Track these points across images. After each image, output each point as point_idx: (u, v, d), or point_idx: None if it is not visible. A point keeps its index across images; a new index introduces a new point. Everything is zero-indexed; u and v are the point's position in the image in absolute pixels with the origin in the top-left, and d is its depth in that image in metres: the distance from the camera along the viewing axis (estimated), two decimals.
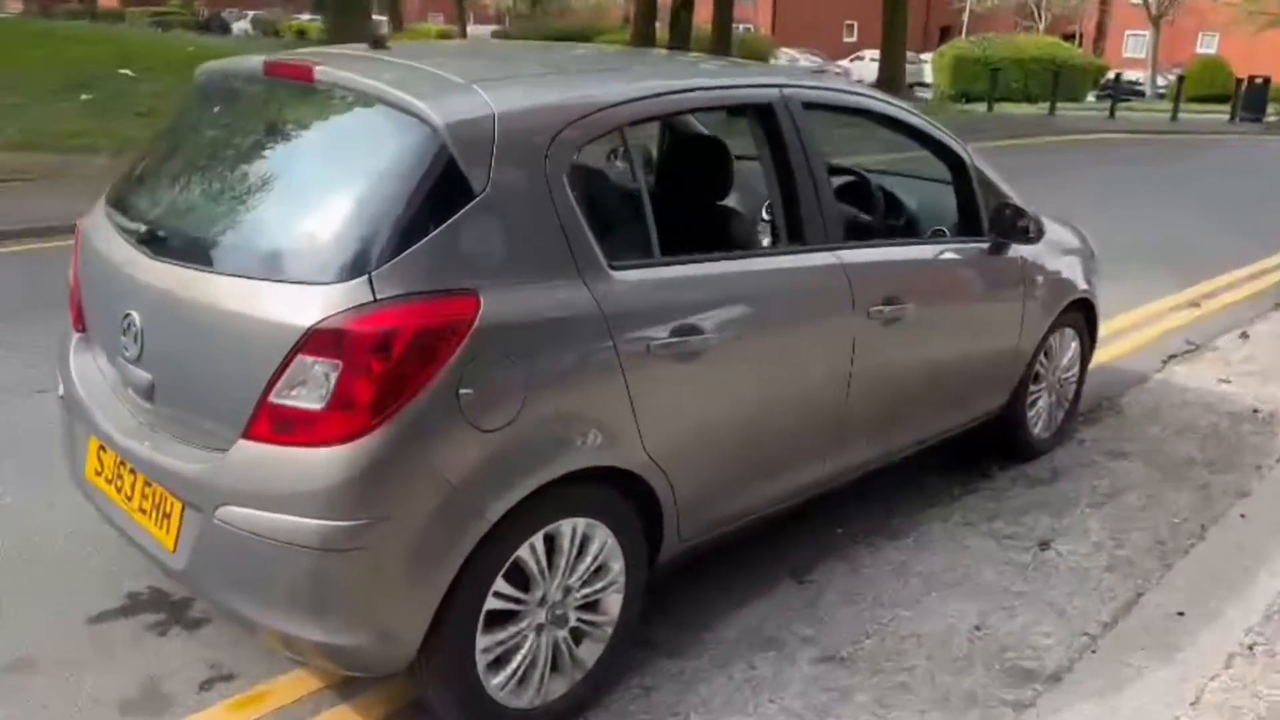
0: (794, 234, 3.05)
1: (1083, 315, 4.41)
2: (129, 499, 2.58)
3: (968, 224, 3.76)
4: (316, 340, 2.14)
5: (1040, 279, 3.98)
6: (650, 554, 2.80)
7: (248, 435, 2.22)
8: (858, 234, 3.87)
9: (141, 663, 2.80)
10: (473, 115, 2.34)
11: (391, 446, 2.15)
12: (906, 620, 3.11)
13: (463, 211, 2.26)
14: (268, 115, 2.71)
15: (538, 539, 2.44)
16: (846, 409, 3.21)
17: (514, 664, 2.48)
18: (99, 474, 2.73)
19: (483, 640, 2.39)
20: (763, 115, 3.02)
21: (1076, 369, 4.48)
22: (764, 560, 3.46)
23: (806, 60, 35.28)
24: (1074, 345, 4.40)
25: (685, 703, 2.72)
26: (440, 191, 2.26)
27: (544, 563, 2.47)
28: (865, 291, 3.15)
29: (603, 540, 2.60)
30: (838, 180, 4.20)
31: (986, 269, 3.75)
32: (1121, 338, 6.12)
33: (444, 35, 42.04)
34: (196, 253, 2.44)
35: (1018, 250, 3.85)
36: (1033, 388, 4.21)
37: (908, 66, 36.73)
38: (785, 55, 37.04)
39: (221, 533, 2.26)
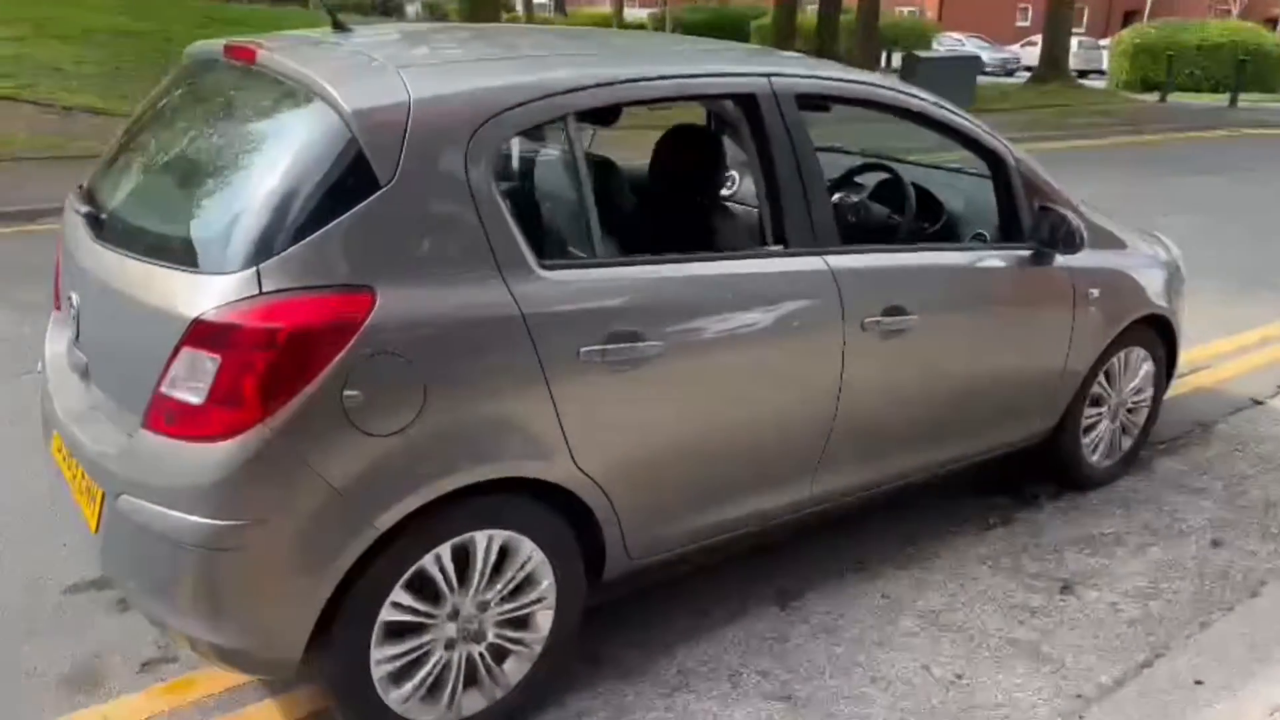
0: (775, 236, 2.81)
1: (1157, 334, 3.96)
2: (73, 477, 2.60)
3: (1008, 229, 3.42)
4: (199, 332, 2.08)
5: (1096, 292, 3.58)
6: (595, 570, 2.65)
7: (145, 425, 2.18)
8: (879, 236, 3.62)
9: (93, 638, 2.84)
10: (384, 102, 2.23)
11: (269, 446, 2.07)
12: (882, 661, 2.85)
13: (365, 203, 2.16)
14: (214, 99, 2.68)
15: (444, 550, 2.33)
16: (837, 429, 2.96)
17: (419, 677, 2.38)
18: (59, 450, 2.77)
19: (380, 650, 2.30)
20: (746, 106, 2.79)
21: (1149, 393, 4.03)
22: (754, 581, 3.25)
23: (970, 45, 33.73)
24: (1146, 367, 3.97)
25: None
26: (343, 181, 2.16)
27: (453, 575, 2.36)
28: (859, 301, 2.89)
29: (527, 555, 2.46)
30: (870, 177, 3.92)
31: (1024, 279, 3.40)
32: (1239, 357, 5.53)
33: (602, 21, 42.28)
34: (123, 236, 2.42)
35: (1067, 260, 3.47)
36: (1089, 411, 3.81)
37: (1086, 53, 34.81)
38: (948, 40, 35.58)
39: (121, 521, 2.24)
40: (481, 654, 2.48)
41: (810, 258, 2.83)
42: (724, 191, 4.47)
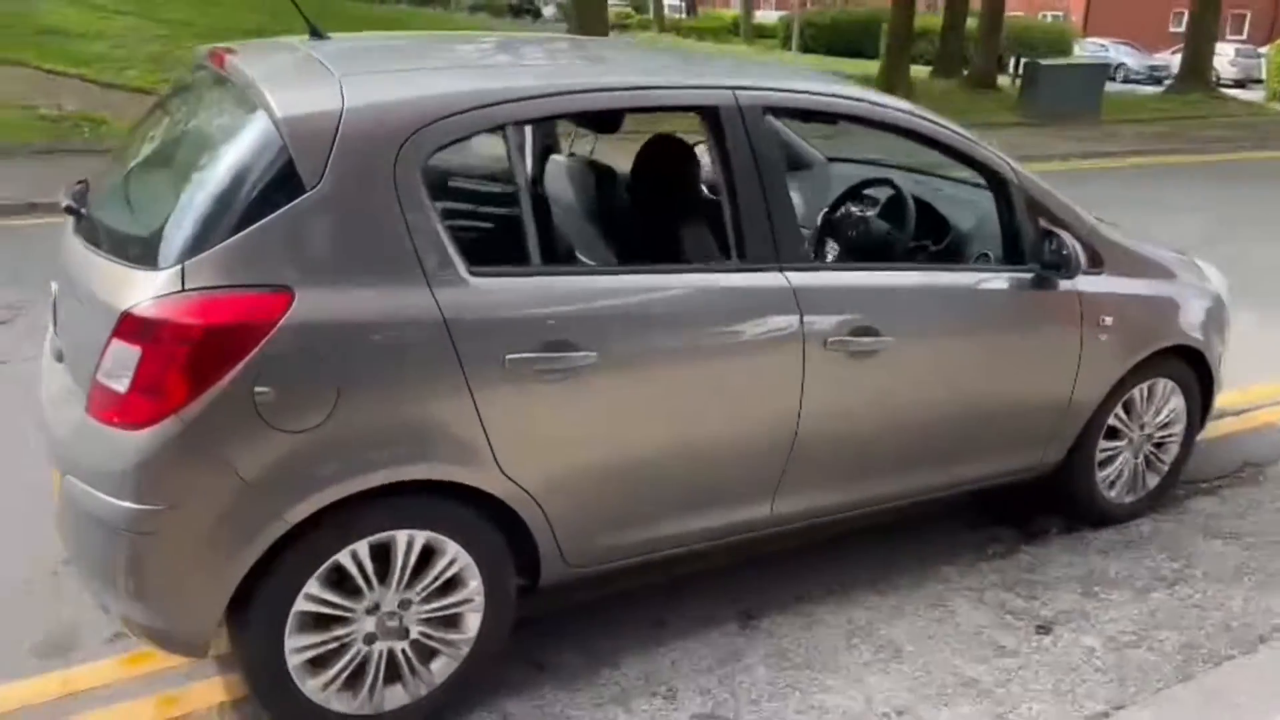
0: (734, 251, 2.78)
1: (1190, 366, 3.73)
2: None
3: (1009, 250, 3.29)
4: (126, 324, 2.19)
5: (1111, 319, 3.40)
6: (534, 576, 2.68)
7: (88, 410, 2.31)
8: (878, 253, 3.53)
9: (74, 609, 3.00)
10: (316, 109, 2.30)
11: (183, 436, 2.16)
12: (825, 692, 2.78)
13: (289, 206, 2.23)
14: (191, 103, 2.81)
15: (362, 547, 2.39)
16: (799, 450, 2.89)
17: (336, 668, 2.45)
18: None
19: (294, 639, 2.37)
20: (708, 119, 2.76)
21: (1179, 428, 3.80)
22: (721, 598, 3.22)
23: (1116, 52, 32.27)
24: (1175, 401, 3.74)
25: None
26: (270, 185, 2.24)
27: (371, 572, 2.41)
28: (822, 320, 2.83)
29: (451, 556, 2.50)
30: (883, 191, 3.82)
31: (1020, 303, 3.25)
32: None
33: (731, 23, 42.15)
34: (90, 230, 2.57)
35: (1075, 284, 3.31)
36: (1104, 444, 3.63)
37: (1244, 61, 32.85)
38: (1091, 46, 34.14)
39: (67, 500, 2.37)
40: (404, 651, 2.52)
41: (769, 273, 2.78)
42: None
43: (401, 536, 2.42)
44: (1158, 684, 2.81)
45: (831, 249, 3.83)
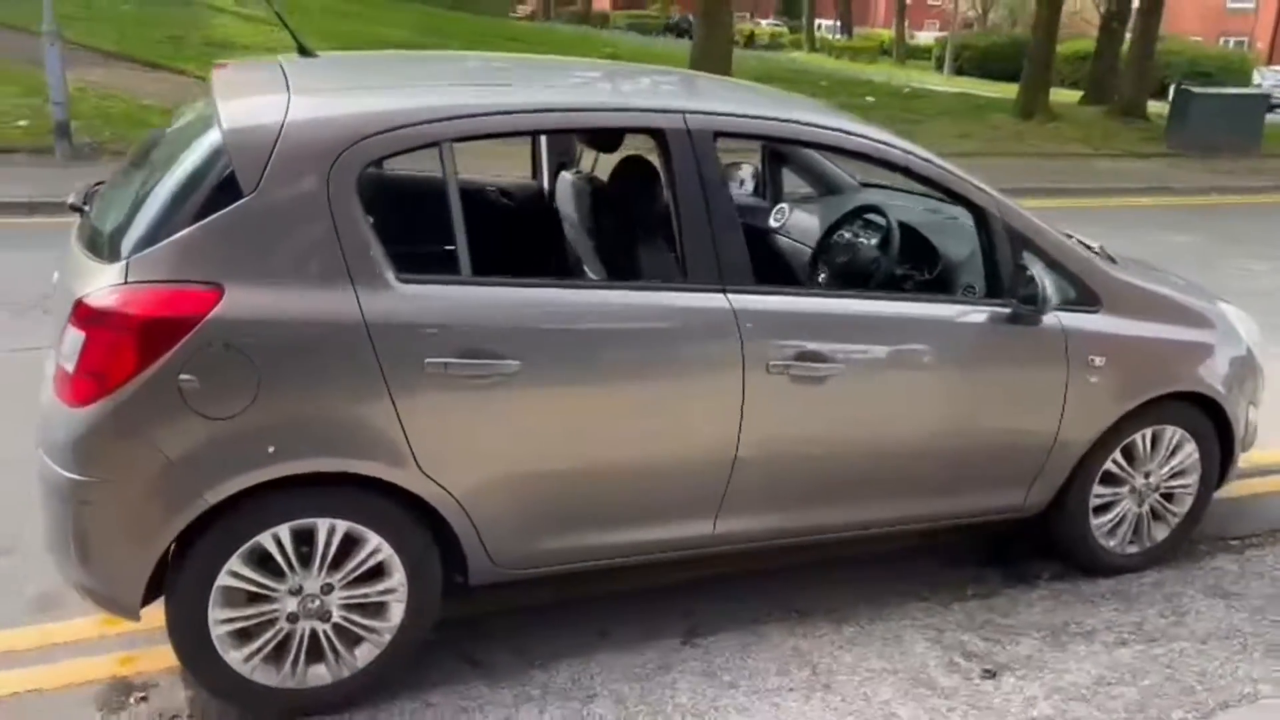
0: (677, 271, 2.83)
1: (1206, 415, 3.55)
2: None
3: (990, 283, 3.22)
4: (77, 311, 2.42)
5: (1102, 360, 3.27)
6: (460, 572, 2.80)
7: (53, 389, 2.55)
8: (862, 280, 3.50)
9: None
10: (258, 123, 2.49)
11: (116, 417, 2.38)
12: (740, 713, 2.78)
13: (226, 210, 2.43)
14: (187, 111, 3.05)
15: (283, 531, 2.55)
16: (740, 470, 2.92)
17: (259, 642, 2.61)
18: None
19: (218, 612, 2.55)
20: (656, 141, 2.83)
21: (1192, 480, 3.61)
22: (673, 611, 3.26)
23: None
24: (1188, 450, 3.56)
25: None
26: (212, 190, 2.45)
27: (293, 555, 2.57)
28: (764, 343, 2.84)
29: (374, 547, 2.64)
30: (878, 219, 3.76)
31: (995, 337, 3.17)
32: None
33: (884, 42, 41.50)
34: (81, 227, 2.83)
35: (1061, 320, 3.21)
36: (1100, 490, 3.48)
37: None
38: (1271, 75, 32.09)
39: (37, 471, 2.62)
40: (326, 633, 2.67)
41: (710, 294, 2.82)
42: (773, 222, 4.45)
43: (323, 524, 2.58)
44: None
45: (823, 273, 3.81)
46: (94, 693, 2.79)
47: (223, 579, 2.53)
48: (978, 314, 3.17)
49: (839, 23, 46.76)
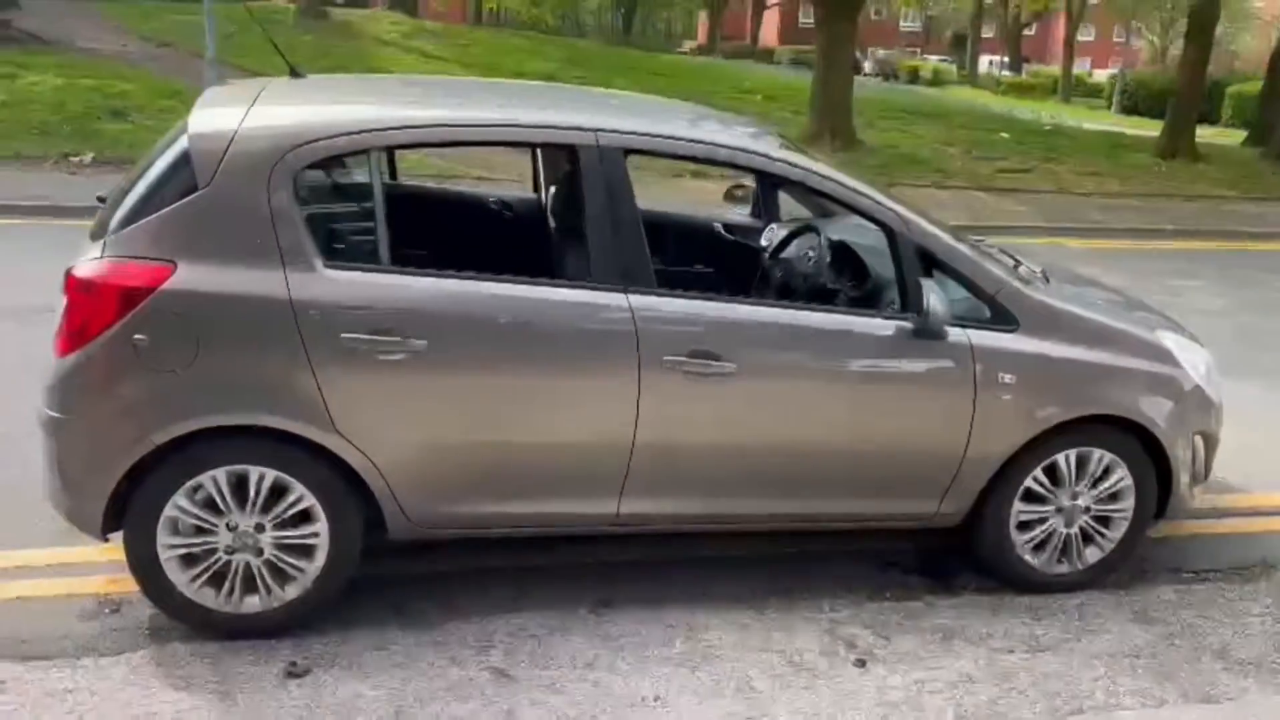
0: (581, 271, 3.17)
1: (1138, 441, 3.60)
2: None
3: (902, 299, 3.40)
4: (66, 281, 2.96)
5: (1013, 378, 3.40)
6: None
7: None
8: (787, 293, 3.74)
9: None
10: (215, 129, 2.99)
11: (84, 366, 2.91)
12: (610, 671, 3.06)
13: (184, 200, 2.93)
14: (179, 123, 3.56)
15: (220, 474, 3.01)
16: (638, 456, 3.21)
17: (200, 568, 3.08)
18: None
19: (165, 538, 3.02)
20: (569, 156, 3.18)
21: (1126, 505, 3.65)
22: (598, 587, 3.55)
23: None
24: (1119, 475, 3.61)
25: (347, 658, 3.08)
26: (175, 184, 2.96)
27: (229, 496, 3.03)
28: (659, 340, 3.14)
29: (298, 495, 3.07)
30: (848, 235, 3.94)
31: (896, 350, 3.34)
32: None
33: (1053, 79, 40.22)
34: (96, 218, 3.38)
35: (971, 338, 3.37)
36: (1022, 506, 3.58)
37: None
38: None
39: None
40: (259, 567, 3.11)
41: (610, 294, 3.14)
42: (763, 241, 4.70)
43: (254, 471, 3.03)
44: None
45: (764, 285, 4.05)
46: (78, 605, 3.32)
47: (169, 510, 3.00)
48: (881, 327, 3.36)
49: (1005, 59, 45.62)
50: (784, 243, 4.13)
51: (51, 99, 12.34)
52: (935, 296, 3.23)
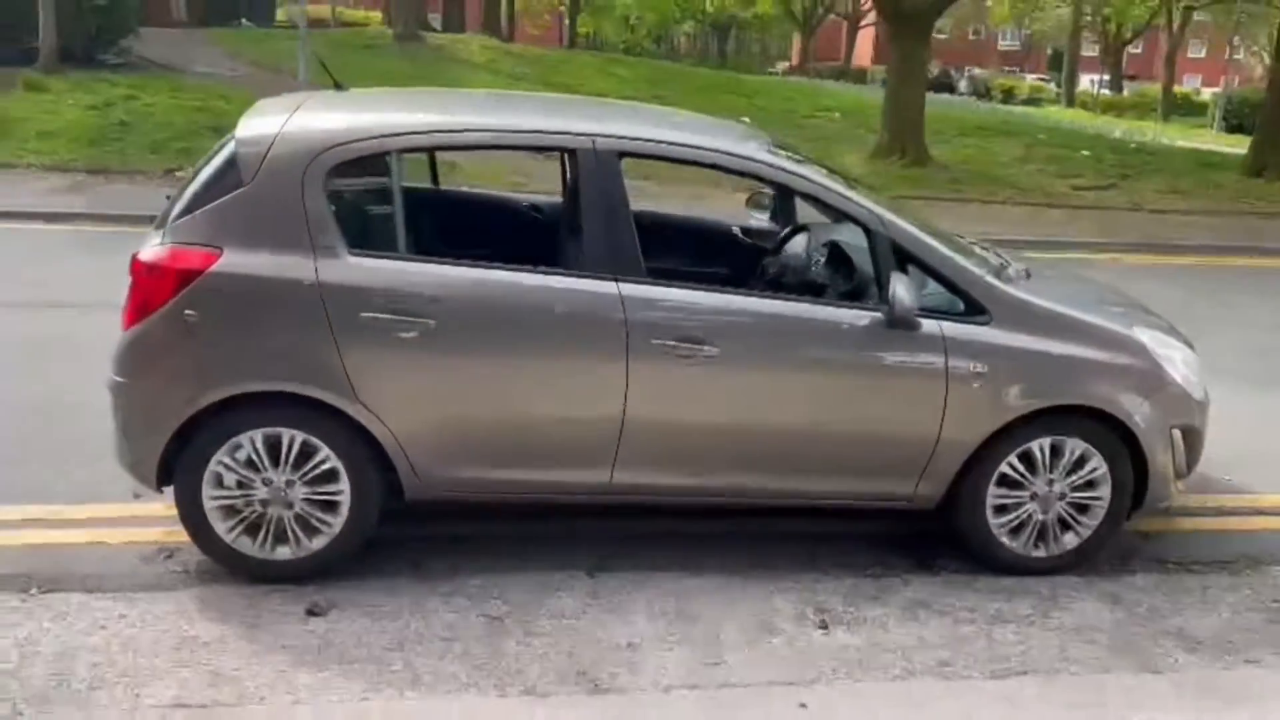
0: (577, 262, 3.52)
1: (1114, 433, 3.77)
2: None
3: (881, 292, 3.66)
4: (132, 264, 3.44)
5: (981, 367, 3.62)
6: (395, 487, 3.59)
7: None
8: (782, 286, 4.03)
9: None
10: (259, 135, 3.43)
11: (142, 337, 3.37)
12: (599, 627, 3.37)
13: (229, 196, 3.38)
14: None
15: (257, 435, 3.44)
16: (629, 429, 3.53)
17: (239, 517, 3.51)
18: None
19: (209, 491, 3.47)
20: (570, 158, 3.55)
21: (1103, 493, 3.82)
22: (590, 553, 3.87)
23: None
24: (1095, 464, 3.79)
25: (362, 602, 3.47)
26: (224, 181, 3.41)
27: (264, 455, 3.45)
28: (647, 324, 3.47)
29: (324, 456, 3.48)
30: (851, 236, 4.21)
31: (870, 340, 3.60)
32: None
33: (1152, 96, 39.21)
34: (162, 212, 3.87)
35: (944, 329, 3.61)
36: (998, 491, 3.79)
37: None
38: None
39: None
40: (290, 520, 3.53)
41: (603, 282, 3.48)
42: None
43: (286, 434, 3.45)
44: (834, 675, 3.14)
45: (763, 280, 4.34)
46: (140, 550, 3.78)
47: (213, 466, 3.44)
48: (857, 317, 3.63)
49: (1105, 77, 44.60)
50: (782, 242, 4.42)
51: (162, 118, 13.26)
52: (902, 288, 3.48)
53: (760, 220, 5.18)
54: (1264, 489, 4.78)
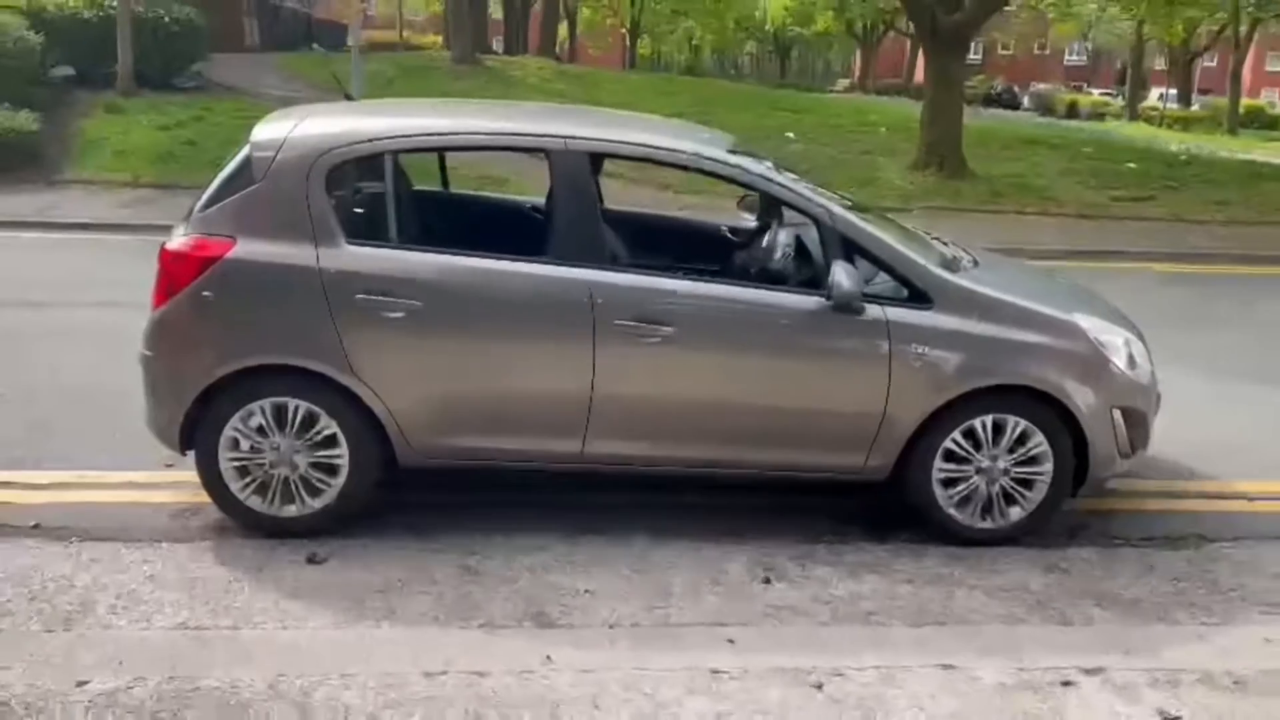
0: (548, 251, 3.92)
1: (1054, 412, 4.05)
2: None
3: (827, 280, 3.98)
4: (160, 254, 3.92)
5: (923, 349, 3.93)
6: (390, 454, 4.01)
7: None
8: (744, 272, 4.39)
9: None
10: (271, 137, 3.90)
11: (167, 315, 3.85)
12: (550, 579, 3.74)
13: (244, 192, 3.85)
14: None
15: (266, 405, 3.89)
16: (596, 403, 3.91)
17: (249, 479, 3.95)
18: None
19: (226, 453, 3.92)
20: (546, 158, 3.95)
21: (1045, 469, 4.09)
22: (566, 519, 4.24)
23: None
24: (1035, 440, 4.06)
25: (358, 553, 3.88)
26: (239, 179, 3.88)
27: (272, 422, 3.90)
28: (610, 306, 3.85)
29: (325, 423, 3.92)
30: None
31: (817, 323, 3.92)
32: None
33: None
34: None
35: (888, 313, 3.93)
36: (944, 465, 4.08)
37: None
38: None
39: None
40: (295, 480, 3.96)
41: (572, 269, 3.87)
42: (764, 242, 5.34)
43: (291, 403, 3.89)
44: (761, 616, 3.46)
45: (735, 268, 4.71)
46: (169, 509, 4.26)
47: (228, 431, 3.89)
48: (805, 302, 3.96)
49: (1173, 91, 43.89)
50: (755, 237, 4.77)
51: (226, 136, 14.00)
52: (842, 274, 3.81)
53: (749, 221, 5.52)
54: (1233, 475, 4.97)
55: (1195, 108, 42.58)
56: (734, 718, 2.84)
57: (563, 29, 46.11)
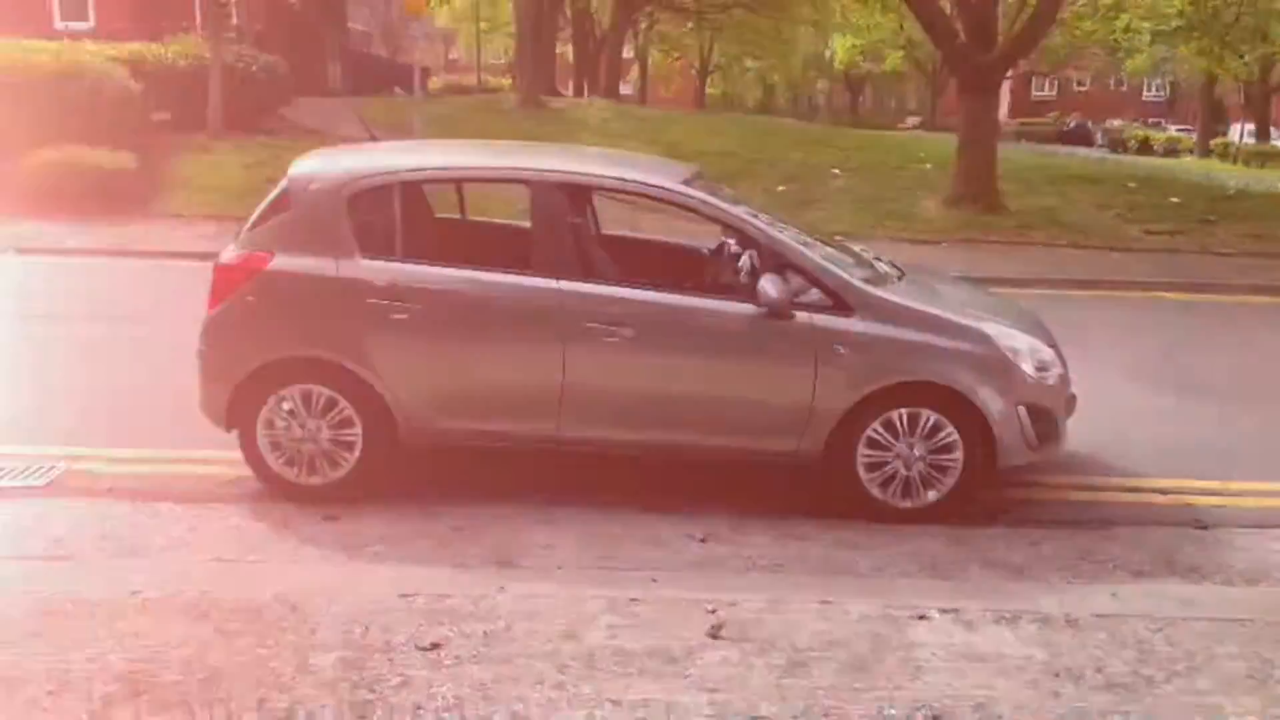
0: (527, 264, 4.71)
1: (962, 407, 4.67)
2: None
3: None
4: (215, 267, 4.82)
5: (845, 350, 4.61)
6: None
7: None
8: (699, 283, 5.13)
9: None
10: (305, 174, 4.79)
11: (218, 316, 4.74)
12: (518, 538, 4.49)
13: (280, 216, 4.73)
14: None
15: (295, 391, 4.73)
16: (567, 392, 4.67)
17: (281, 452, 4.79)
18: None
19: (262, 431, 4.77)
20: (527, 188, 4.75)
21: (956, 456, 4.71)
22: (540, 489, 4.99)
23: None
24: (946, 430, 4.69)
25: (367, 515, 4.68)
26: (279, 206, 4.76)
27: (300, 405, 4.75)
28: (578, 310, 4.62)
29: (343, 406, 4.75)
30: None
31: (753, 326, 4.62)
32: None
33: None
34: None
35: (814, 319, 4.62)
36: (866, 451, 4.72)
37: None
38: None
39: None
40: (318, 455, 4.79)
41: (547, 280, 4.65)
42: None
43: (316, 389, 4.73)
44: (725, 569, 4.14)
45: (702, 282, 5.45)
46: (218, 478, 5.12)
47: (265, 413, 4.75)
48: (745, 309, 4.67)
49: (1247, 126, 43.27)
50: (717, 254, 5.53)
51: None
52: (769, 285, 4.52)
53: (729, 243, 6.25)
54: (1157, 474, 5.50)
55: (1277, 143, 41.92)
56: (635, 628, 3.53)
57: (635, 70, 47.59)
